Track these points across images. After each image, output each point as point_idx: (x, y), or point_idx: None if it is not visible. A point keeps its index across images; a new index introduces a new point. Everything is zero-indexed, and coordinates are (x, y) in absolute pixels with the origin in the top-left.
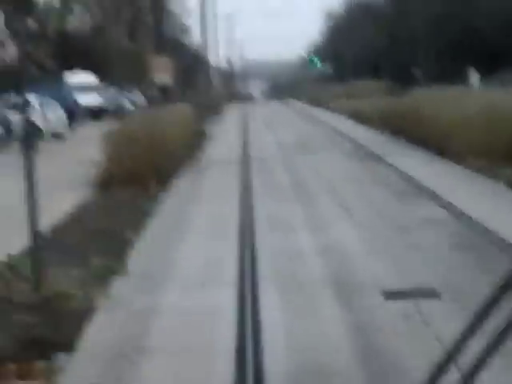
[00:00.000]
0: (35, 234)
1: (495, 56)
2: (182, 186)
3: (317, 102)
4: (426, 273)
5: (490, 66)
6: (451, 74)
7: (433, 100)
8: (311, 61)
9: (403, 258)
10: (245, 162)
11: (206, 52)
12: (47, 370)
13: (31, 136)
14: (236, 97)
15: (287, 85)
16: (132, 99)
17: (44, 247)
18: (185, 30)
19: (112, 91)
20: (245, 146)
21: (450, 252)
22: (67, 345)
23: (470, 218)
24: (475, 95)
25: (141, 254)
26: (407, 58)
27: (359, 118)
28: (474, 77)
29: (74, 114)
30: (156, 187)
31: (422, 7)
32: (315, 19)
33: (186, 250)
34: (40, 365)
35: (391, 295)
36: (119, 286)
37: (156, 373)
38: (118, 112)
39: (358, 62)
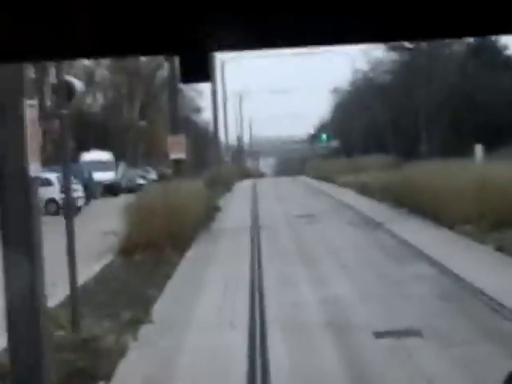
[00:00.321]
0: (74, 289)
1: (499, 130)
2: (196, 251)
3: (324, 178)
4: (413, 317)
5: (494, 141)
6: (456, 148)
7: (429, 172)
8: (317, 137)
9: (394, 304)
10: (254, 229)
11: (216, 130)
12: None
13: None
14: (246, 173)
15: (296, 161)
16: (144, 175)
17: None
18: (197, 109)
19: (125, 168)
20: (254, 216)
21: (435, 301)
22: (105, 375)
23: (456, 274)
24: (469, 168)
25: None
26: (412, 133)
27: (364, 191)
28: (479, 152)
29: (90, 188)
30: (173, 253)
31: (426, 83)
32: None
33: (199, 310)
34: None
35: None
36: (146, 331)
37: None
38: (129, 187)
39: (364, 138)
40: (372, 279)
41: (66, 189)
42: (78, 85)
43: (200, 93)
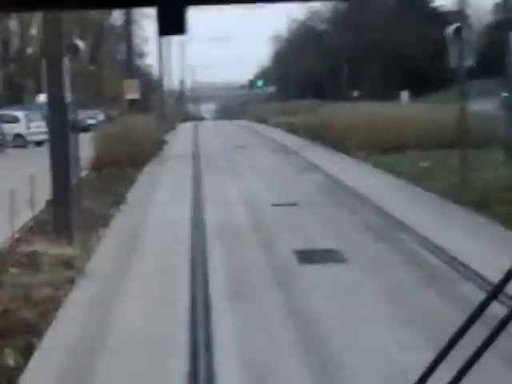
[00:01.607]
0: (79, 179)
1: (424, 79)
2: (150, 168)
3: (259, 120)
4: (298, 197)
5: (420, 88)
6: (385, 94)
7: (339, 112)
8: (254, 83)
9: (289, 192)
10: (195, 156)
11: (161, 75)
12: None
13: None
14: (187, 116)
15: (235, 106)
16: (93, 116)
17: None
18: (141, 54)
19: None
20: (196, 147)
21: (317, 191)
22: (105, 226)
23: (338, 179)
24: (364, 109)
25: (134, 196)
26: (345, 79)
27: (291, 129)
28: (404, 97)
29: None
30: (132, 170)
31: (358, 36)
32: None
33: (157, 196)
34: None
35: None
36: (124, 207)
37: (154, 227)
38: (83, 125)
39: (300, 84)
40: (277, 181)
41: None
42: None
43: (145, 39)
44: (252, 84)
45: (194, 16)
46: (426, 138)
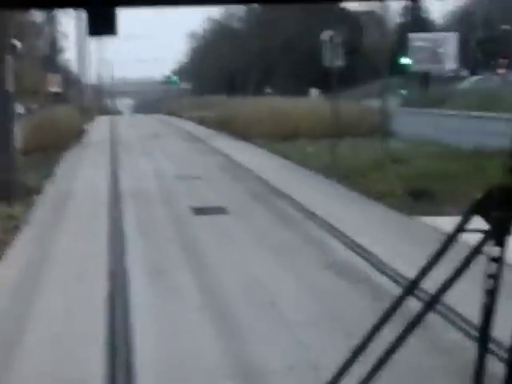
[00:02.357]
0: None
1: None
2: (73, 152)
3: (174, 114)
4: (199, 172)
5: (330, 86)
6: (297, 90)
7: (243, 106)
8: (169, 79)
9: (193, 169)
10: (113, 142)
11: (81, 70)
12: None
13: None
14: (105, 110)
15: (152, 101)
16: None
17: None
18: (60, 50)
19: None
20: (113, 136)
21: (215, 168)
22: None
23: (237, 160)
24: (265, 102)
25: (61, 172)
26: (260, 76)
27: (202, 122)
28: (313, 94)
29: None
30: (57, 154)
31: (271, 35)
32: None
33: (81, 171)
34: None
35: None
36: (54, 179)
37: (78, 193)
38: None
39: (216, 80)
40: (183, 161)
41: None
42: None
43: (64, 34)
44: (167, 80)
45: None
46: (318, 129)
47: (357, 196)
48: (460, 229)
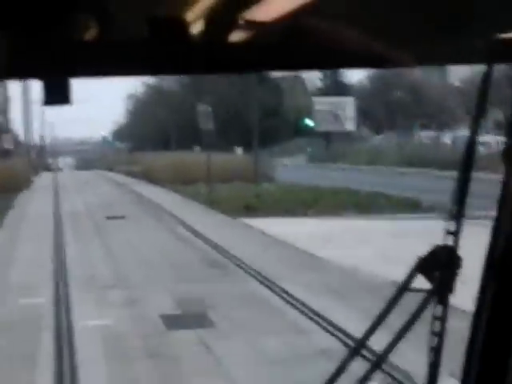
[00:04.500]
0: None
1: (252, 136)
2: (23, 194)
3: (107, 168)
4: (114, 202)
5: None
6: (224, 147)
7: (158, 159)
8: (105, 139)
9: (110, 201)
10: (54, 187)
11: (27, 131)
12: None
13: None
14: (47, 167)
15: (91, 159)
16: None
17: None
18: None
19: None
20: (55, 184)
21: (130, 201)
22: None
23: (146, 196)
24: (173, 156)
25: (19, 203)
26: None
27: (129, 174)
28: (238, 150)
29: None
30: (13, 194)
31: (199, 97)
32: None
33: (31, 205)
34: None
35: (112, 217)
36: (13, 208)
37: (32, 214)
38: None
39: (152, 138)
40: (108, 197)
41: None
42: None
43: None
44: (104, 140)
45: None
46: (212, 175)
47: (213, 212)
48: (404, 288)
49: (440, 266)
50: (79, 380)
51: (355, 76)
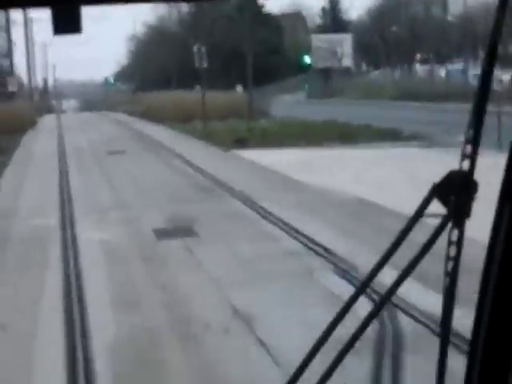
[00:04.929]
0: None
1: (258, 73)
2: (28, 134)
3: (110, 109)
4: (115, 138)
5: (254, 82)
6: (225, 86)
7: (158, 99)
8: (106, 81)
9: (111, 137)
10: (58, 128)
11: (29, 74)
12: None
13: None
14: (51, 110)
15: (94, 101)
16: None
17: None
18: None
19: None
20: (59, 124)
21: (131, 137)
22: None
23: (145, 133)
24: (171, 95)
25: (25, 142)
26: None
27: (131, 113)
28: (238, 88)
29: None
30: (18, 134)
31: (202, 36)
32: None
33: (37, 143)
34: None
35: (113, 152)
36: (21, 146)
37: (39, 150)
38: None
39: (154, 78)
40: (110, 134)
41: None
42: None
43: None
44: (106, 82)
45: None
46: (209, 113)
47: (207, 145)
48: (419, 214)
49: (455, 190)
50: (83, 277)
51: (355, 12)
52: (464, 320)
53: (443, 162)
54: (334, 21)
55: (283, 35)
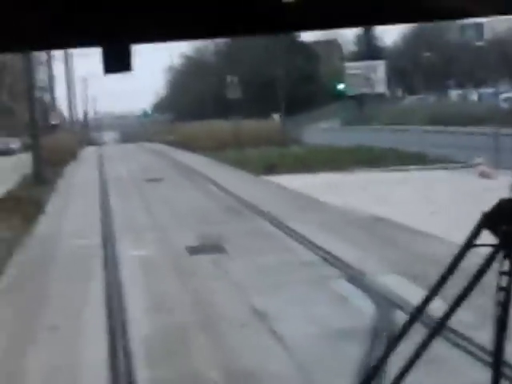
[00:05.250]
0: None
1: (294, 102)
2: (70, 165)
3: (148, 140)
4: (153, 167)
5: (289, 110)
6: (261, 115)
7: (193, 129)
8: (145, 112)
9: (150, 165)
10: (99, 158)
11: (71, 107)
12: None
13: None
14: (91, 142)
15: (133, 132)
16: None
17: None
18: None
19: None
20: (99, 155)
21: (168, 166)
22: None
23: (182, 161)
24: (208, 125)
25: (68, 171)
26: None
27: (168, 143)
28: (276, 117)
29: None
30: (63, 165)
31: (238, 67)
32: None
33: (79, 173)
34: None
35: (151, 180)
36: (64, 176)
37: (81, 179)
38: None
39: (192, 108)
40: (147, 163)
41: None
42: None
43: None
44: (144, 113)
45: (94, 54)
46: (243, 141)
47: (239, 171)
48: (470, 244)
49: (506, 219)
50: (124, 287)
51: (390, 38)
52: None
53: (453, 180)
54: (368, 47)
55: (318, 63)
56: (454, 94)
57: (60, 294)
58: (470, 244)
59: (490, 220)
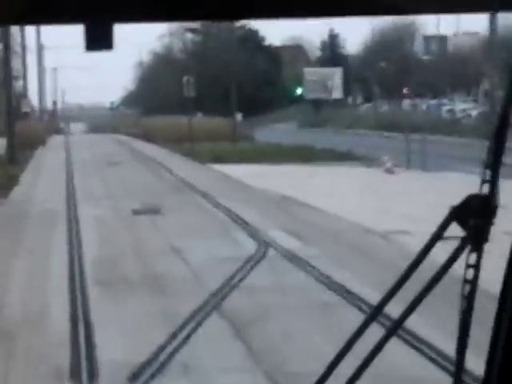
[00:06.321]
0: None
1: (255, 103)
2: (40, 149)
3: (113, 131)
4: (115, 154)
5: (251, 110)
6: (224, 113)
7: (155, 122)
8: (112, 105)
9: (112, 153)
10: (66, 145)
11: (40, 97)
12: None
13: None
14: (59, 131)
15: (101, 124)
16: None
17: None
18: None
19: None
20: (66, 142)
21: (127, 154)
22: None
23: (140, 150)
24: (169, 120)
25: (36, 155)
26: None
27: (129, 134)
28: (238, 116)
29: None
30: (33, 148)
31: (203, 66)
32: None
33: (47, 156)
34: None
35: (111, 163)
36: (34, 158)
37: (49, 161)
38: None
39: (158, 103)
40: (110, 150)
41: None
42: None
43: (25, 66)
44: (111, 106)
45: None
46: (198, 136)
47: (189, 160)
48: (438, 236)
49: (474, 214)
50: (82, 238)
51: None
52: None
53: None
54: (332, 54)
55: (282, 67)
56: (407, 103)
57: (33, 236)
58: (438, 236)
59: (459, 213)
